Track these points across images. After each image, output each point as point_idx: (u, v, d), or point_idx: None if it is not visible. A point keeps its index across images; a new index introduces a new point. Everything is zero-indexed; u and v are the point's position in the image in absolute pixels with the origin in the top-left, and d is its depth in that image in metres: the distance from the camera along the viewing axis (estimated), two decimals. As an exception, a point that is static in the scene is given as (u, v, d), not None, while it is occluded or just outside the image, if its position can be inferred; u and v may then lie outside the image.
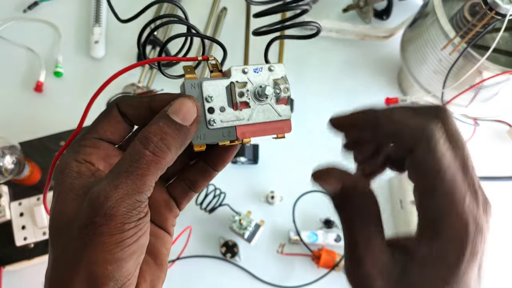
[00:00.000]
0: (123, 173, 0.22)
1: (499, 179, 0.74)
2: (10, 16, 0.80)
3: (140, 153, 0.22)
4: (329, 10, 0.83)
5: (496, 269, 0.69)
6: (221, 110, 0.26)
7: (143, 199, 0.22)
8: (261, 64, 0.27)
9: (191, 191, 0.29)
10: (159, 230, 0.29)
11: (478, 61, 0.55)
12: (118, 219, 0.21)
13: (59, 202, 0.24)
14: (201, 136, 0.25)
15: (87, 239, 0.21)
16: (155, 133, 0.22)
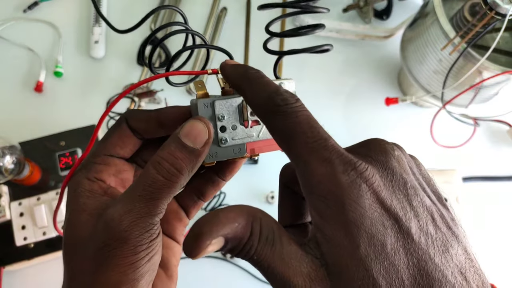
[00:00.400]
0: (136, 197, 0.22)
1: (499, 179, 0.74)
2: (10, 16, 0.80)
3: (153, 177, 0.22)
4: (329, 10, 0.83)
5: (496, 269, 0.69)
6: (232, 128, 0.26)
7: (155, 222, 0.23)
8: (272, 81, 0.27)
9: (200, 200, 0.30)
10: (169, 240, 0.29)
11: (478, 61, 0.55)
12: (131, 242, 0.22)
13: (73, 222, 0.24)
14: (213, 154, 0.26)
15: (101, 260, 0.22)
16: (166, 158, 0.23)
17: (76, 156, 0.65)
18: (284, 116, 0.21)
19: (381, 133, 0.76)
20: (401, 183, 0.20)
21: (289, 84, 0.28)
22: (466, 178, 0.72)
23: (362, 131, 0.76)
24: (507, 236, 0.71)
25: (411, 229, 0.19)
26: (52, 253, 0.62)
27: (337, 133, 0.75)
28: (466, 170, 0.73)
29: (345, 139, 0.83)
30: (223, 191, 0.67)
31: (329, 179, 0.19)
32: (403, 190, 0.20)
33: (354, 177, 0.19)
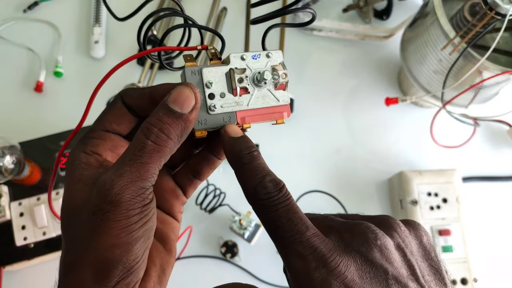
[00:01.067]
0: (127, 162, 0.23)
1: (499, 179, 0.74)
2: (10, 16, 0.80)
3: (143, 142, 0.23)
4: (329, 10, 0.83)
5: (496, 269, 0.69)
6: (221, 96, 0.26)
7: (147, 186, 0.23)
8: (259, 51, 0.27)
9: (196, 179, 0.30)
10: (167, 216, 0.30)
11: (478, 61, 0.55)
12: (123, 205, 0.22)
13: (69, 192, 0.25)
14: (202, 121, 0.26)
15: (95, 225, 0.22)
16: (155, 123, 0.24)
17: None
18: (265, 210, 0.23)
19: (381, 133, 0.76)
20: (381, 274, 0.21)
21: (277, 54, 0.28)
22: (466, 178, 0.72)
23: (362, 131, 0.76)
24: (507, 236, 0.71)
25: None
26: (52, 253, 0.62)
27: (337, 133, 0.75)
28: (466, 170, 0.73)
29: (345, 139, 0.83)
30: (223, 191, 0.67)
31: (305, 276, 0.21)
32: (382, 281, 0.21)
33: (325, 275, 0.20)
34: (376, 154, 0.74)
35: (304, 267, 0.21)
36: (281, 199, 0.22)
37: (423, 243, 0.24)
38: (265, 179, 0.23)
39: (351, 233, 0.22)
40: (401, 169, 0.69)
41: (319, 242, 0.21)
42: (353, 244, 0.21)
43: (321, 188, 0.71)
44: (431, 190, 0.66)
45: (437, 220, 0.64)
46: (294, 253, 0.21)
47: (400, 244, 0.22)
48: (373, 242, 0.21)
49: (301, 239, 0.21)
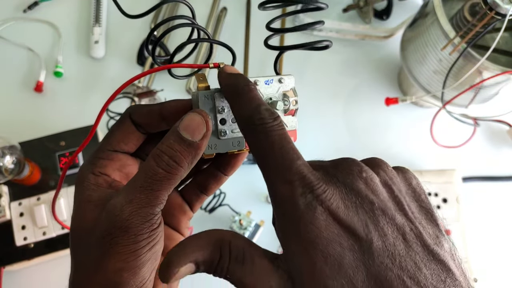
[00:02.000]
0: (137, 188, 0.23)
1: (499, 179, 0.74)
2: (10, 16, 0.80)
3: (153, 170, 0.23)
4: (329, 10, 0.83)
5: (496, 269, 0.69)
6: (232, 121, 0.27)
7: (156, 212, 0.23)
8: (271, 76, 0.28)
9: (203, 194, 0.31)
10: (174, 233, 0.30)
11: (478, 61, 0.55)
12: (132, 231, 0.22)
13: (79, 212, 0.25)
14: (212, 146, 0.26)
15: (104, 248, 0.23)
16: (166, 151, 0.24)
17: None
18: (258, 135, 0.22)
19: (381, 133, 0.76)
20: (367, 204, 0.21)
21: (289, 79, 0.28)
22: (466, 178, 0.72)
23: (362, 131, 0.76)
24: (507, 236, 0.71)
25: (373, 248, 0.19)
26: (52, 253, 0.62)
27: (337, 133, 0.75)
28: (466, 170, 0.73)
29: (345, 139, 0.83)
30: (223, 191, 0.67)
31: (289, 201, 0.21)
32: (368, 211, 0.20)
33: (310, 200, 0.20)
34: (376, 154, 0.73)
35: (290, 192, 0.21)
36: (275, 127, 0.22)
37: (412, 185, 0.23)
38: (261, 107, 0.23)
39: (336, 167, 0.23)
40: (401, 169, 0.69)
41: (307, 171, 0.21)
42: (338, 176, 0.22)
43: (321, 188, 0.71)
44: (431, 190, 0.66)
45: (437, 220, 0.65)
46: (282, 179, 0.21)
47: (387, 181, 0.22)
48: (358, 175, 0.22)
49: (291, 166, 0.21)
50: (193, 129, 0.24)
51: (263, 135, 0.22)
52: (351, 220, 0.20)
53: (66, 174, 0.64)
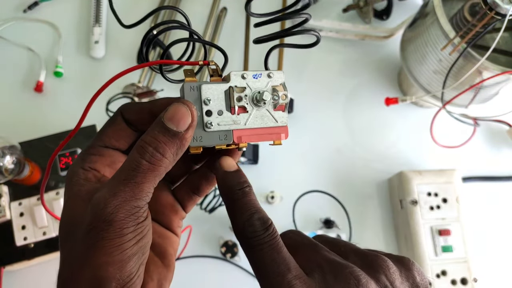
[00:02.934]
0: (121, 181, 0.23)
1: (499, 179, 0.74)
2: (10, 16, 0.80)
3: (137, 162, 0.23)
4: (329, 10, 0.83)
5: (496, 269, 0.69)
6: (218, 114, 0.26)
7: (141, 205, 0.23)
8: (260, 70, 0.27)
9: (196, 195, 0.30)
10: (165, 231, 0.30)
11: (478, 61, 0.55)
12: (117, 224, 0.22)
13: (67, 207, 0.25)
14: (198, 138, 0.26)
15: (90, 243, 0.22)
16: (150, 142, 0.23)
17: (76, 156, 0.65)
18: (251, 249, 0.23)
19: (381, 133, 0.76)
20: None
21: (278, 74, 0.28)
22: (466, 178, 0.72)
23: (362, 131, 0.76)
24: (507, 236, 0.71)
25: None
26: (52, 253, 0.62)
27: (337, 133, 0.75)
28: (466, 170, 0.73)
29: (345, 139, 0.83)
30: (223, 191, 0.67)
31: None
32: None
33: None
34: (376, 154, 0.74)
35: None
36: (267, 238, 0.23)
37: (416, 283, 0.23)
38: (253, 217, 0.23)
39: (334, 276, 0.22)
40: (401, 169, 0.69)
41: (299, 285, 0.22)
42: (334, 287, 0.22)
43: (321, 188, 0.71)
44: (431, 190, 0.66)
45: (437, 220, 0.64)
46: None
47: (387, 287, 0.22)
48: None
49: (282, 281, 0.22)
50: (178, 119, 0.24)
51: (256, 249, 0.23)
52: None
53: (65, 174, 0.64)
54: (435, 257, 0.63)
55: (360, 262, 0.24)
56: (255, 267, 0.23)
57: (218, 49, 0.28)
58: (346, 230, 0.68)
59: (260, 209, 0.24)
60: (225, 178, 0.25)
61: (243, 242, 0.23)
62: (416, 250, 0.63)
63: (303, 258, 0.24)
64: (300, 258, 0.24)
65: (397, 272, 0.23)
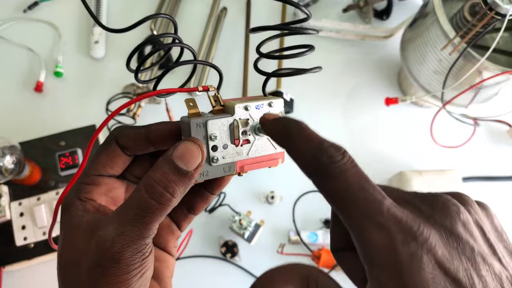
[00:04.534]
0: (129, 220, 0.23)
1: (499, 179, 0.74)
2: (10, 16, 0.80)
3: (146, 202, 0.23)
4: (329, 10, 0.83)
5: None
6: (223, 148, 0.26)
7: (147, 242, 0.23)
8: (261, 99, 0.28)
9: (191, 213, 0.30)
10: (162, 253, 0.30)
11: (478, 61, 0.55)
12: (124, 262, 0.22)
13: (67, 239, 0.25)
14: (204, 173, 0.26)
15: (95, 278, 0.22)
16: (159, 181, 0.23)
17: (76, 156, 0.65)
18: (332, 177, 0.20)
19: (381, 133, 0.76)
20: (468, 250, 0.19)
21: (278, 102, 0.28)
22: (466, 178, 0.72)
23: (362, 131, 0.76)
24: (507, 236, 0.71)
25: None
26: (52, 253, 0.62)
27: (337, 133, 0.75)
28: (466, 170, 0.73)
29: (345, 139, 0.83)
30: (223, 191, 0.67)
31: (388, 251, 0.18)
32: (470, 258, 0.19)
33: (415, 249, 0.18)
34: (376, 154, 0.74)
35: (388, 240, 0.18)
36: (348, 164, 0.20)
37: (495, 224, 0.22)
38: (324, 144, 0.20)
39: (430, 206, 0.20)
40: (401, 169, 0.69)
41: (402, 214, 0.19)
42: (436, 217, 0.19)
43: (321, 188, 0.71)
44: (431, 190, 0.66)
45: (437, 220, 0.64)
46: (374, 225, 0.19)
47: (478, 221, 0.20)
48: (456, 216, 0.19)
49: (381, 209, 0.19)
50: (189, 159, 0.23)
51: (337, 177, 0.20)
52: (457, 270, 0.18)
53: (65, 174, 0.64)
54: (435, 257, 0.63)
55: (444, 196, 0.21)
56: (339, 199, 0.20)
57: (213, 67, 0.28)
58: (346, 230, 0.68)
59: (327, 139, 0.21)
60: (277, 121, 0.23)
61: (319, 172, 0.20)
62: (416, 250, 0.63)
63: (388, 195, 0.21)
64: None
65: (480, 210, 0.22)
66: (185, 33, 0.80)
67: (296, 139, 0.22)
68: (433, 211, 0.20)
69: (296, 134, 0.22)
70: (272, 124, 0.24)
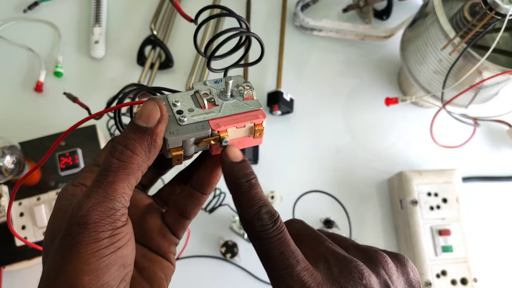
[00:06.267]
0: (94, 182, 0.23)
1: (499, 179, 0.74)
2: (10, 16, 0.80)
3: (108, 161, 0.23)
4: (329, 10, 0.83)
5: (496, 269, 0.69)
6: (189, 111, 0.26)
7: (116, 207, 0.22)
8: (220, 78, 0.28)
9: (184, 218, 0.29)
10: (154, 255, 0.29)
11: (478, 61, 0.55)
12: (91, 226, 0.21)
13: (51, 220, 0.25)
14: (174, 131, 0.25)
15: (65, 250, 0.21)
16: (120, 141, 0.23)
17: (76, 156, 0.65)
18: (260, 241, 0.23)
19: (381, 133, 0.76)
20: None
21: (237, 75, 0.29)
22: (466, 178, 0.72)
23: (362, 131, 0.76)
24: (507, 236, 0.71)
25: None
26: (52, 253, 0.62)
27: (337, 133, 0.75)
28: (466, 170, 0.73)
29: (345, 139, 0.83)
30: (223, 191, 0.67)
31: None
32: None
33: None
34: (376, 154, 0.74)
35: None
36: (275, 232, 0.23)
37: (410, 279, 0.25)
38: (261, 211, 0.24)
39: (339, 269, 0.23)
40: (401, 169, 0.69)
41: (308, 277, 0.22)
42: (340, 281, 0.23)
43: (321, 188, 0.71)
44: (431, 190, 0.66)
45: (437, 220, 0.64)
46: (284, 286, 0.22)
47: (386, 281, 0.24)
48: (358, 281, 0.23)
49: (292, 273, 0.22)
50: (147, 115, 0.24)
51: (265, 242, 0.23)
52: None
53: (66, 174, 0.64)
54: (435, 257, 0.63)
55: (360, 256, 0.25)
56: (263, 259, 0.24)
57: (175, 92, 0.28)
58: (346, 230, 0.68)
59: (267, 201, 0.24)
60: (231, 169, 0.25)
61: (252, 235, 0.24)
62: (416, 250, 0.63)
63: (308, 249, 0.24)
64: (305, 249, 0.24)
65: (394, 268, 0.25)
66: (185, 33, 0.80)
67: (243, 196, 0.24)
68: (340, 275, 0.23)
69: (244, 192, 0.24)
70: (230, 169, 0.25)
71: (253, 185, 0.25)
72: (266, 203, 0.24)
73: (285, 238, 0.23)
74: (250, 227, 0.24)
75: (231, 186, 0.25)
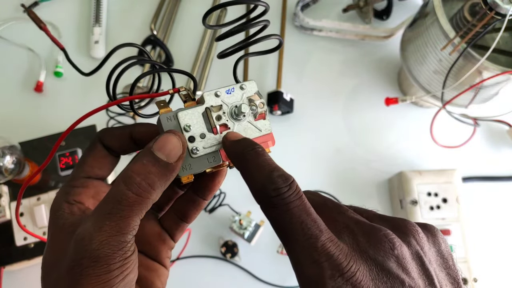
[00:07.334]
0: (106, 215, 0.22)
1: (499, 179, 0.74)
2: (10, 16, 0.80)
3: (123, 194, 0.22)
4: (329, 10, 0.83)
5: (496, 269, 0.69)
6: (201, 137, 0.25)
7: (127, 240, 0.22)
8: (232, 85, 0.27)
9: (183, 222, 0.29)
10: (152, 263, 0.28)
11: (478, 61, 0.55)
12: (103, 260, 0.21)
13: (51, 242, 0.24)
14: (187, 166, 0.25)
15: (74, 280, 0.21)
16: (138, 173, 0.22)
17: (76, 156, 0.65)
18: (276, 209, 0.21)
19: (381, 133, 0.76)
20: (398, 284, 0.20)
21: (250, 85, 0.27)
22: (466, 178, 0.72)
23: (362, 131, 0.76)
24: (507, 236, 0.71)
25: None
26: (52, 253, 0.62)
27: (337, 133, 0.75)
28: (466, 170, 0.73)
29: (345, 139, 0.83)
30: (223, 191, 0.67)
31: (315, 284, 0.19)
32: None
33: (340, 284, 0.19)
34: (376, 154, 0.74)
35: (318, 275, 0.19)
36: (292, 197, 0.21)
37: (441, 250, 0.23)
38: (273, 174, 0.21)
39: (367, 238, 0.21)
40: (401, 169, 0.69)
41: (334, 248, 0.20)
42: (369, 251, 0.20)
43: (321, 188, 0.71)
44: (431, 190, 0.66)
45: (437, 220, 0.64)
46: (308, 259, 0.20)
47: (418, 252, 0.21)
48: (390, 252, 0.20)
49: (316, 245, 0.20)
50: (169, 150, 0.23)
51: (281, 210, 0.21)
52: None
53: (65, 174, 0.64)
54: (435, 257, 0.63)
55: (388, 226, 0.22)
56: (281, 231, 0.21)
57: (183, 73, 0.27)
58: (346, 230, 0.68)
59: (279, 167, 0.22)
60: (235, 144, 0.24)
61: (264, 202, 0.21)
62: (416, 250, 0.63)
63: (328, 220, 0.22)
64: (325, 220, 0.22)
65: (425, 238, 0.22)
66: (185, 33, 0.80)
67: (250, 164, 0.22)
68: (369, 245, 0.21)
69: (250, 160, 0.22)
70: (232, 146, 0.24)
71: (259, 153, 0.23)
72: (277, 168, 0.22)
73: (304, 205, 0.21)
74: (262, 194, 0.21)
75: (236, 159, 0.23)
